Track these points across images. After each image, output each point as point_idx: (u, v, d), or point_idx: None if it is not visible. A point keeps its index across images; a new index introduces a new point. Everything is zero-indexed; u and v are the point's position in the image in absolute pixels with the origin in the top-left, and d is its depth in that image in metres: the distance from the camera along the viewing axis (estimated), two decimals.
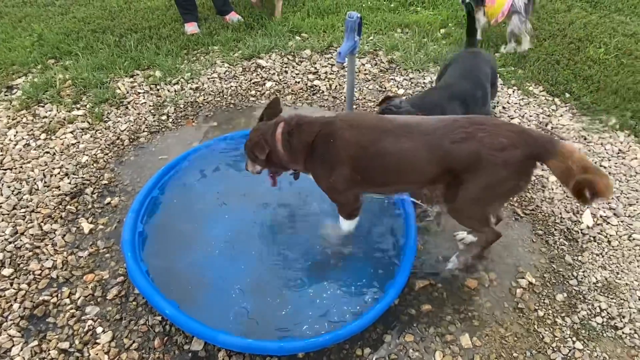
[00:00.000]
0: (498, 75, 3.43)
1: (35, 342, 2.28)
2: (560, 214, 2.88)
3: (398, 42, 4.32)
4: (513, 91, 3.81)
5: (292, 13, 4.95)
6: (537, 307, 2.40)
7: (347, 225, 2.44)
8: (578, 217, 2.86)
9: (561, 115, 3.59)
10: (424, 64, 4.09)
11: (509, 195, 2.42)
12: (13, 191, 3.08)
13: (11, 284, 2.54)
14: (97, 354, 2.23)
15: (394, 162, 2.06)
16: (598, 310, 2.40)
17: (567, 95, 3.76)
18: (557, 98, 3.75)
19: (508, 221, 2.83)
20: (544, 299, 2.44)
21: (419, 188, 2.36)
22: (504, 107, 3.65)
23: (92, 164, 3.27)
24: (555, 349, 2.24)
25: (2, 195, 3.04)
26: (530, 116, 3.57)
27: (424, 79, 3.96)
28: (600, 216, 2.87)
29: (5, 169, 3.24)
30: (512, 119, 3.55)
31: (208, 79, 4.06)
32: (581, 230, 2.80)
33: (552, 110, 3.64)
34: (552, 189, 3.03)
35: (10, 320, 2.38)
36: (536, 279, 2.53)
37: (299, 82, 3.96)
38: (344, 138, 2.09)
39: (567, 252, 2.68)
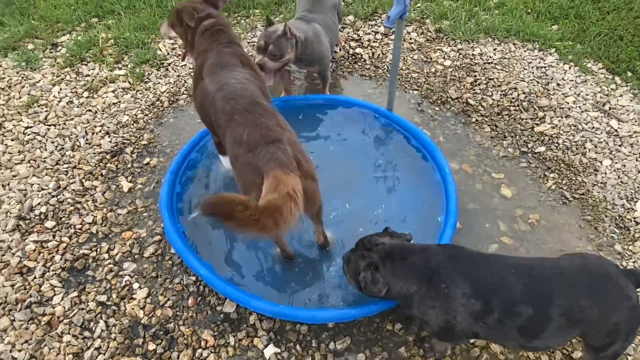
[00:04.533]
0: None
1: (75, 293, 2.36)
2: (613, 200, 2.71)
3: (447, 10, 4.09)
4: (569, 67, 3.56)
5: None
6: None
7: None
8: (632, 205, 2.68)
9: (621, 96, 3.33)
10: (474, 35, 3.87)
11: None
12: (57, 147, 3.14)
13: (53, 236, 2.62)
14: (132, 309, 2.29)
15: None
16: None
17: (630, 74, 3.48)
18: (618, 77, 3.49)
19: (555, 204, 2.69)
20: None
21: None
22: (558, 84, 3.43)
23: (132, 124, 3.29)
24: None
25: (46, 150, 3.11)
26: (587, 95, 3.34)
27: (473, 50, 3.75)
28: None
29: (50, 125, 3.31)
30: (566, 96, 3.33)
31: (248, 43, 3.98)
32: (634, 218, 2.62)
33: (612, 89, 3.39)
34: (605, 173, 2.85)
35: (52, 270, 2.46)
36: None
37: (340, 50, 3.84)
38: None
39: (618, 241, 2.53)
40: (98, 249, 2.56)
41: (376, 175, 2.72)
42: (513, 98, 3.34)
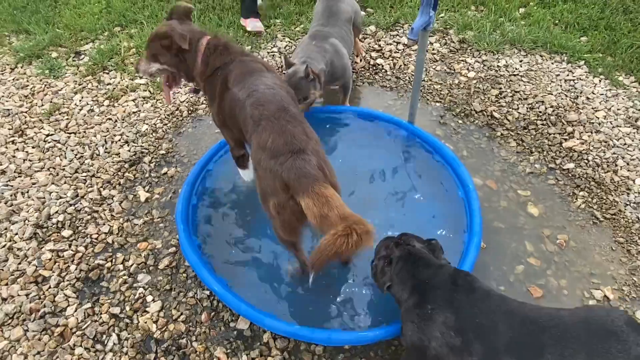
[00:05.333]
0: None
1: (89, 305, 2.33)
2: None
3: (472, 21, 4.00)
4: (600, 80, 3.43)
5: None
6: None
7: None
8: None
9: None
10: (499, 46, 3.77)
11: None
12: (76, 155, 3.15)
13: (69, 246, 2.61)
14: (145, 322, 2.24)
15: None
16: None
17: None
18: None
19: (585, 225, 2.56)
20: None
21: None
22: (587, 98, 3.30)
23: (151, 133, 3.28)
24: None
25: (65, 158, 3.12)
26: (618, 109, 3.20)
27: (499, 61, 3.65)
28: None
29: (70, 133, 3.33)
30: (596, 111, 3.20)
31: (268, 53, 3.95)
32: None
33: None
34: (639, 193, 2.71)
35: (67, 280, 2.44)
36: (613, 292, 2.27)
37: (361, 60, 3.78)
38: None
39: None
40: (113, 260, 2.54)
41: (397, 190, 2.64)
42: (540, 112, 3.22)
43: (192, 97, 3.55)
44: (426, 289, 1.72)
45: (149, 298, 2.35)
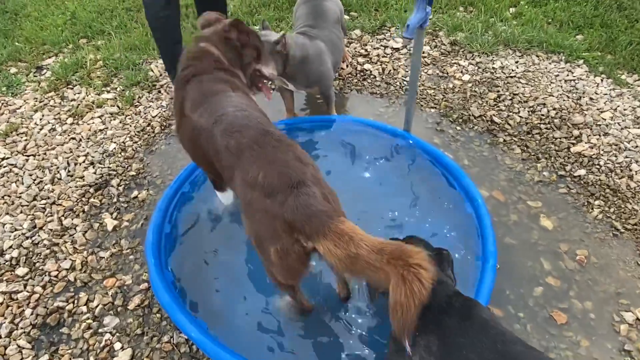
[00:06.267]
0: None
1: (46, 357, 1.99)
2: None
3: (462, 22, 3.80)
4: (602, 80, 3.23)
5: None
6: None
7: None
8: None
9: None
10: (493, 47, 3.56)
11: None
12: (35, 180, 2.81)
13: (25, 286, 2.26)
14: None
15: None
16: None
17: None
18: None
19: (604, 237, 2.32)
20: None
21: None
22: (591, 99, 3.09)
23: (120, 153, 2.96)
24: None
25: (22, 184, 2.78)
26: (625, 110, 3.00)
27: (493, 63, 3.44)
28: None
29: (29, 155, 2.98)
30: (602, 112, 2.99)
31: None
32: None
33: None
34: None
35: (21, 328, 2.10)
36: None
37: (347, 66, 3.53)
38: None
39: None
40: (75, 301, 2.20)
41: (393, 206, 2.35)
42: (543, 115, 3.00)
43: (164, 111, 3.24)
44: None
45: (117, 345, 2.01)
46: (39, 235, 2.49)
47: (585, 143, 2.79)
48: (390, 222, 2.27)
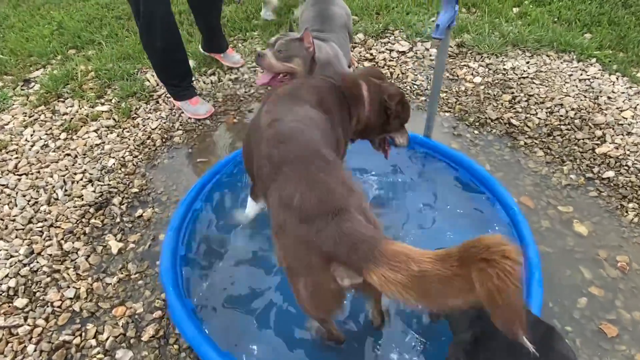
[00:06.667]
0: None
1: None
2: None
3: (467, 23, 3.71)
4: (617, 78, 3.17)
5: None
6: None
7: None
8: None
9: None
10: (501, 47, 3.48)
11: None
12: (29, 201, 2.60)
13: (25, 319, 2.05)
14: None
15: None
16: None
17: None
18: None
19: None
20: None
21: None
22: (609, 98, 3.02)
23: (120, 169, 2.77)
24: None
25: (16, 206, 2.56)
26: None
27: (504, 64, 3.35)
28: None
29: (21, 175, 2.77)
30: (622, 111, 2.91)
31: (249, 68, 3.52)
32: None
33: None
34: None
35: None
36: None
37: (353, 71, 3.40)
38: None
39: None
40: (83, 333, 2.00)
41: (420, 220, 2.21)
42: (562, 115, 2.91)
43: (164, 123, 3.06)
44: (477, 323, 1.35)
45: None
46: (37, 262, 2.28)
47: (610, 143, 2.70)
48: (417, 235, 2.13)
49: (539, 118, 2.90)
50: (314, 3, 2.87)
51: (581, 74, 3.22)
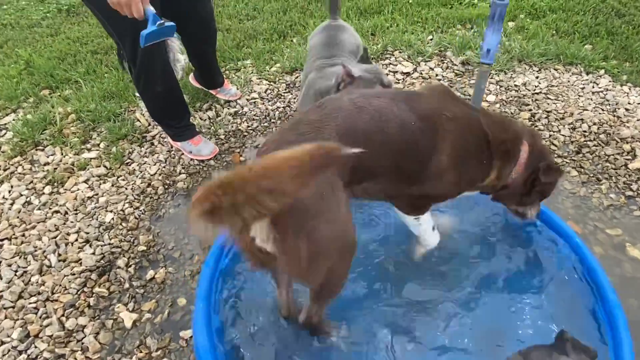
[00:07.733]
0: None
1: None
2: None
3: (469, 40, 3.61)
4: (629, 88, 3.12)
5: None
6: None
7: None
8: None
9: None
10: (507, 63, 3.39)
11: None
12: (16, 271, 2.24)
13: None
14: None
15: None
16: None
17: None
18: None
19: None
20: None
21: None
22: (627, 109, 2.96)
23: (120, 224, 2.45)
24: None
25: (1, 279, 2.20)
26: None
27: (514, 80, 3.25)
28: None
29: (2, 240, 2.40)
30: None
31: (247, 100, 3.28)
32: None
33: None
34: None
35: None
36: None
37: None
38: None
39: None
40: None
41: (479, 285, 1.96)
42: (584, 131, 2.82)
43: (164, 167, 2.77)
44: None
45: None
46: (36, 347, 1.93)
47: None
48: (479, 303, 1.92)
49: (563, 135, 2.80)
50: (323, 30, 2.70)
51: (593, 87, 3.16)
